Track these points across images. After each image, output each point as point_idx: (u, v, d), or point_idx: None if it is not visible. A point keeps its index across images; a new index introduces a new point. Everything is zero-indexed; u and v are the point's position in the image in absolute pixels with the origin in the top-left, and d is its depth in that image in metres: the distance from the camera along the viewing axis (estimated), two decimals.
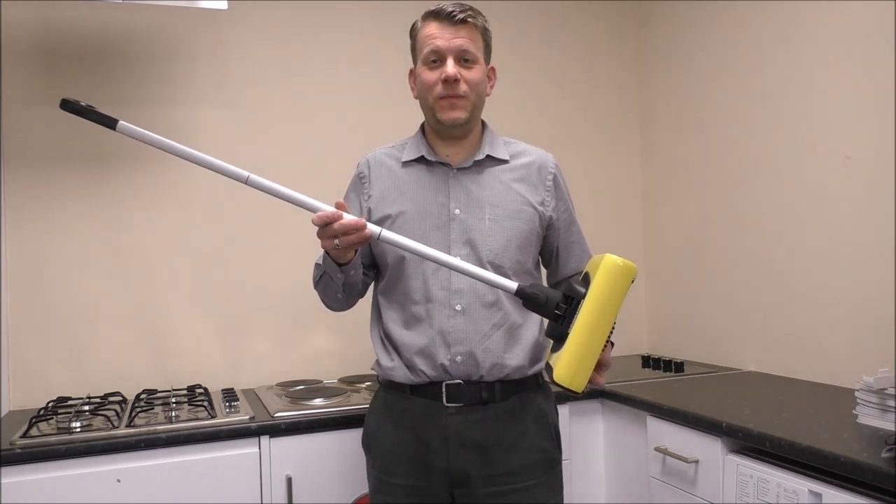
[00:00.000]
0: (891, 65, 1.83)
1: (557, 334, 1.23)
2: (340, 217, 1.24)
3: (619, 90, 2.87)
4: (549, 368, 1.22)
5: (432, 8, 1.48)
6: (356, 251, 1.40)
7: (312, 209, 1.25)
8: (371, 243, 1.54)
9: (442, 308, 1.46)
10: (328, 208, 1.25)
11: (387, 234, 1.27)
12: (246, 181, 1.22)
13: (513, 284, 1.25)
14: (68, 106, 1.17)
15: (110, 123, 1.18)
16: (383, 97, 2.50)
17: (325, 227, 1.25)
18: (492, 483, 1.45)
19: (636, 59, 2.88)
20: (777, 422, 1.61)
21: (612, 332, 1.20)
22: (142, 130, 1.19)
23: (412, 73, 1.56)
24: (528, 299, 1.25)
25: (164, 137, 1.19)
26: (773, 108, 2.22)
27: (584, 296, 1.19)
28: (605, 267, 1.18)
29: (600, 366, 1.26)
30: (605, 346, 1.20)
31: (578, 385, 1.17)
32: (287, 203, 1.25)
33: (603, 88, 2.85)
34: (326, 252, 1.37)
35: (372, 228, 1.26)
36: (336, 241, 1.26)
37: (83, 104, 1.17)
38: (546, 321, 1.29)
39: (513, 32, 2.68)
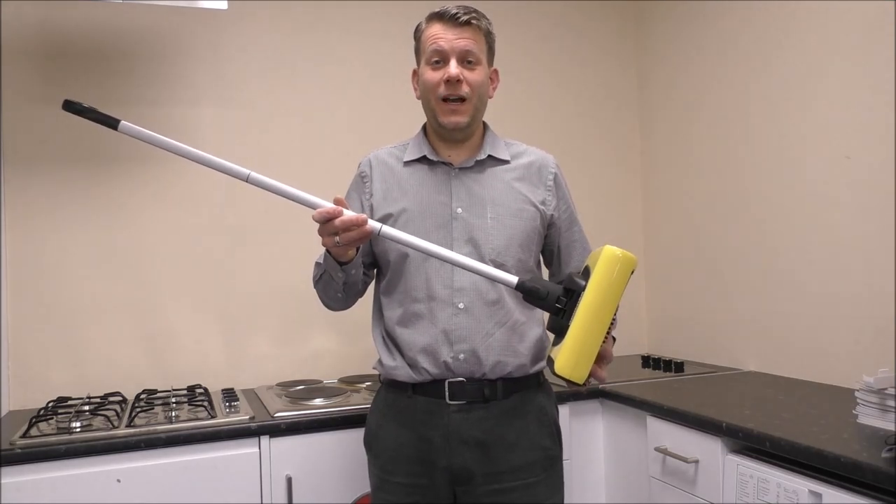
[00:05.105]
0: (891, 65, 1.84)
1: (558, 328, 1.23)
2: (341, 213, 1.24)
3: (618, 90, 2.87)
4: (550, 362, 1.21)
5: (437, 9, 1.48)
6: (357, 249, 1.40)
7: (313, 206, 1.25)
8: (372, 241, 1.54)
9: (444, 306, 1.46)
10: (328, 205, 1.25)
11: (387, 230, 1.26)
12: (247, 179, 1.22)
13: (513, 278, 1.26)
14: (71, 107, 1.17)
15: (112, 124, 1.18)
16: (383, 97, 2.50)
17: (326, 224, 1.25)
18: (493, 480, 1.45)
19: (636, 58, 2.88)
20: (777, 422, 1.61)
21: (613, 326, 1.20)
22: (144, 130, 1.19)
23: (415, 73, 1.56)
24: (528, 293, 1.25)
25: (165, 137, 1.19)
26: (773, 107, 2.21)
27: (583, 288, 1.18)
28: (604, 258, 1.18)
29: (601, 359, 1.25)
30: (607, 338, 1.19)
31: (579, 376, 1.16)
32: (287, 202, 1.25)
33: (603, 88, 2.85)
34: (328, 250, 1.37)
35: (372, 224, 1.26)
36: (337, 237, 1.26)
37: (85, 105, 1.17)
38: (547, 319, 1.29)
39: (512, 31, 2.68)
